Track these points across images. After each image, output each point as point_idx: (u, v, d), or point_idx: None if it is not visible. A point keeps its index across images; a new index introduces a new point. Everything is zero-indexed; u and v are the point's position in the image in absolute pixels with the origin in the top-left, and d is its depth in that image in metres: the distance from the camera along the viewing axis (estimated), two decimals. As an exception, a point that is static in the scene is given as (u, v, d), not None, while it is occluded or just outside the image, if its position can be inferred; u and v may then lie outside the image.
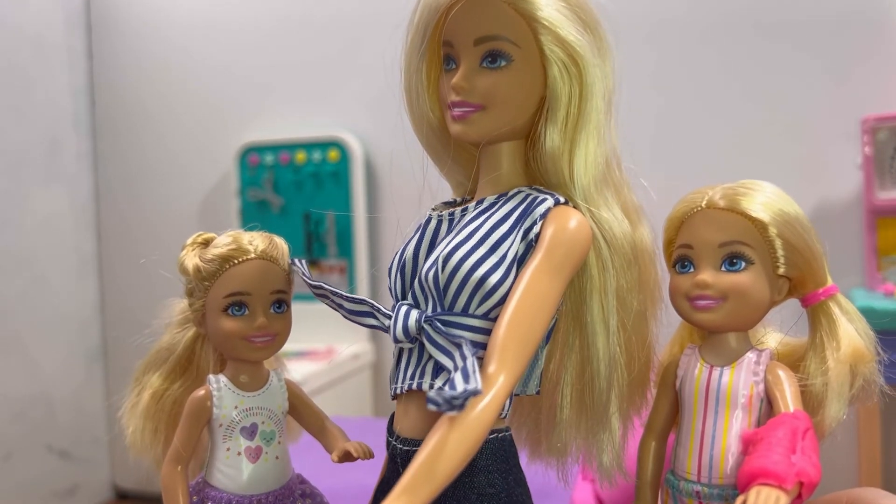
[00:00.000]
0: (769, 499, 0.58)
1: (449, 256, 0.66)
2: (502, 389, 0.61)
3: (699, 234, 0.70)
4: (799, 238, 0.69)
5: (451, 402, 0.56)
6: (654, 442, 0.76)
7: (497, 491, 0.66)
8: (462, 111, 0.69)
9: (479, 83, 0.68)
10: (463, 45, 0.69)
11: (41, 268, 2.21)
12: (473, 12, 0.68)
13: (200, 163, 2.29)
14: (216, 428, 0.76)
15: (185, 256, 0.77)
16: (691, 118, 1.83)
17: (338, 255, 2.11)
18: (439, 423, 0.59)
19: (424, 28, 0.71)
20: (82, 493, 2.30)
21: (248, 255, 0.75)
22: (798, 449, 0.61)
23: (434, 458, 0.57)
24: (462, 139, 0.71)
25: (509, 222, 0.68)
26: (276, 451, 0.77)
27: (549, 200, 0.68)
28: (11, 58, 2.14)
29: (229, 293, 0.74)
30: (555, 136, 0.69)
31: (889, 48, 1.69)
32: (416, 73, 0.73)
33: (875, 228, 1.62)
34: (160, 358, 0.82)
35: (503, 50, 0.68)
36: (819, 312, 0.71)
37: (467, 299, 0.66)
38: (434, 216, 0.73)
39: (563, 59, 0.68)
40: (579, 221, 0.67)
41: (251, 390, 0.77)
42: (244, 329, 0.74)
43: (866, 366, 0.68)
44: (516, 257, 0.66)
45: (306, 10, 2.16)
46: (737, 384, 0.68)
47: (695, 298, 0.70)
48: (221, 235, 0.78)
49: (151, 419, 0.80)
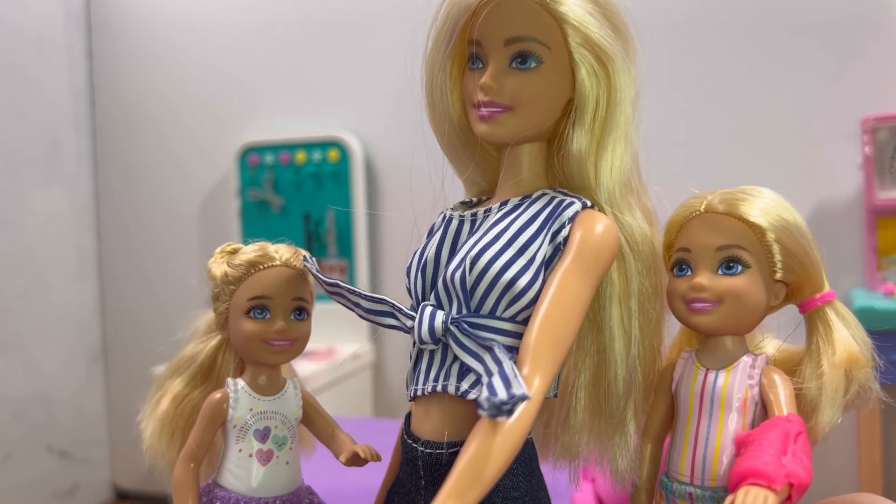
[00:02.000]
0: (757, 498, 0.58)
1: (477, 258, 0.66)
2: (538, 392, 0.60)
3: (697, 237, 0.70)
4: (797, 244, 0.69)
5: (500, 407, 0.55)
6: (650, 444, 0.76)
7: (521, 494, 0.66)
8: (490, 111, 0.69)
9: (507, 84, 0.68)
10: (492, 45, 0.68)
11: (41, 268, 2.22)
12: (504, 12, 0.67)
13: (200, 163, 2.29)
14: (230, 429, 0.78)
15: (214, 263, 0.80)
16: (691, 118, 1.83)
17: (338, 255, 2.11)
18: (479, 426, 0.59)
19: (453, 26, 0.70)
20: (82, 494, 2.30)
21: (273, 261, 0.78)
22: (789, 451, 0.61)
23: (480, 461, 0.57)
24: (488, 140, 0.71)
25: (536, 224, 0.67)
26: (287, 457, 0.78)
27: (576, 204, 0.68)
28: (11, 58, 2.14)
29: (253, 296, 0.77)
30: (582, 139, 0.69)
31: (889, 48, 1.69)
32: (440, 72, 0.73)
33: (875, 228, 1.62)
34: (183, 365, 0.84)
35: (533, 51, 0.67)
36: (816, 318, 0.71)
37: (495, 301, 0.66)
38: (455, 216, 0.73)
39: (592, 61, 0.67)
40: (607, 225, 0.67)
41: (267, 394, 0.79)
42: (264, 332, 0.77)
43: (861, 371, 0.69)
44: (545, 260, 0.66)
45: (307, 10, 2.16)
46: (731, 387, 0.69)
47: (691, 301, 0.70)
48: (249, 244, 0.80)
49: (169, 424, 0.82)
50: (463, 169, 0.78)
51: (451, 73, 0.73)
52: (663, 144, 1.83)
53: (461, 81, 0.73)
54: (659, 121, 1.85)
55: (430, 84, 0.74)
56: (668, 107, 1.84)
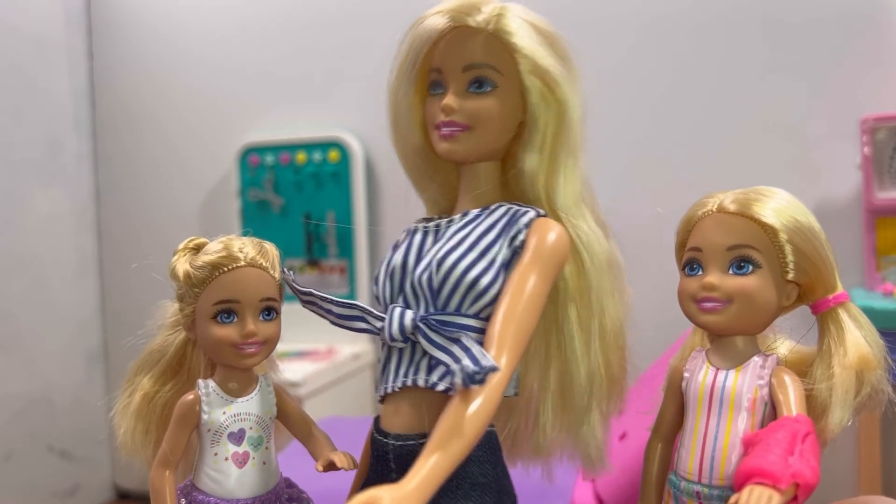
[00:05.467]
0: (762, 497, 0.58)
1: (443, 260, 0.72)
2: (505, 372, 0.66)
3: (708, 237, 0.71)
4: (809, 245, 0.69)
5: (472, 376, 0.62)
6: (659, 444, 0.77)
7: (489, 480, 0.71)
8: (450, 130, 0.75)
9: (466, 106, 0.75)
10: (452, 72, 0.76)
11: (42, 268, 2.21)
12: (462, 42, 0.75)
13: (201, 163, 2.29)
14: (204, 433, 0.77)
15: (177, 262, 0.78)
16: (689, 118, 1.83)
17: (338, 255, 2.11)
18: (450, 403, 0.65)
19: (416, 55, 0.77)
20: (83, 494, 2.30)
21: (237, 262, 0.76)
22: (796, 451, 0.61)
23: (457, 423, 0.63)
24: (449, 157, 0.77)
25: (496, 230, 0.74)
26: (264, 457, 0.78)
27: (531, 213, 0.75)
28: (12, 58, 2.14)
29: (218, 300, 0.75)
30: (533, 158, 0.75)
31: (889, 48, 1.69)
32: (404, 98, 0.79)
33: (874, 228, 1.62)
34: (152, 360, 0.83)
35: (488, 77, 0.75)
36: (828, 319, 0.71)
37: (460, 299, 0.72)
38: (420, 228, 0.79)
39: (540, 87, 0.74)
40: (559, 232, 0.73)
41: (239, 396, 0.78)
42: (233, 336, 0.75)
43: (873, 373, 0.69)
44: (504, 262, 0.72)
45: (307, 10, 2.16)
46: (741, 387, 0.69)
47: (701, 300, 0.70)
48: (213, 241, 0.79)
49: (143, 420, 0.81)
50: (424, 189, 0.84)
51: (413, 99, 0.79)
52: (663, 144, 1.84)
53: (422, 107, 0.79)
54: (658, 121, 1.86)
55: (394, 109, 0.81)
56: (667, 107, 1.85)
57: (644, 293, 0.82)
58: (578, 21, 1.87)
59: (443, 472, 0.62)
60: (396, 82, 0.80)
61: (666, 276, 0.79)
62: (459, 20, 0.75)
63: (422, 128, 0.80)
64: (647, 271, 0.94)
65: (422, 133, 0.80)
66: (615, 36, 1.86)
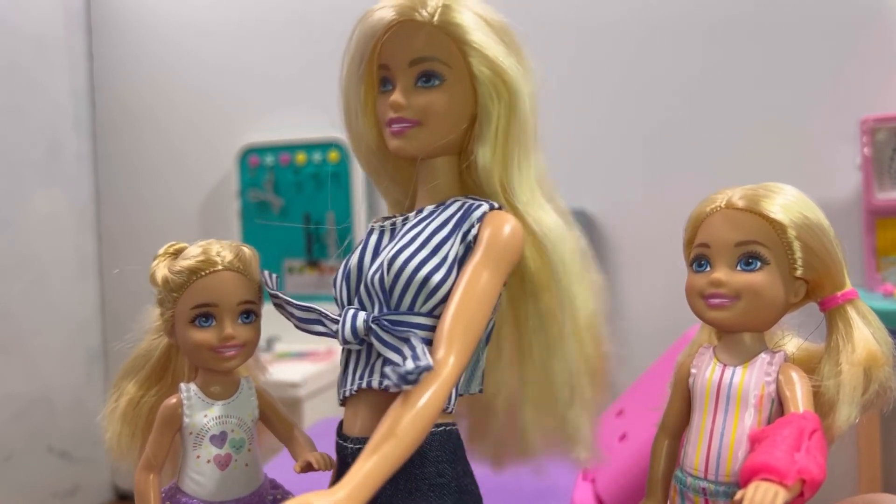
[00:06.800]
0: (767, 493, 0.58)
1: (393, 259, 0.71)
2: (452, 371, 0.65)
3: (716, 233, 0.71)
4: (818, 242, 0.69)
5: (405, 377, 0.61)
6: (666, 440, 0.76)
7: (447, 480, 0.70)
8: (400, 127, 0.74)
9: (415, 101, 0.73)
10: (398, 67, 0.74)
11: (42, 269, 2.21)
12: (408, 36, 0.73)
13: (201, 164, 2.29)
14: (187, 436, 0.77)
15: (156, 267, 0.79)
16: (689, 119, 1.83)
17: (338, 256, 2.11)
18: (393, 404, 0.63)
19: (362, 53, 0.76)
20: (83, 494, 2.30)
21: (215, 266, 0.76)
22: (803, 448, 0.61)
23: (393, 426, 0.62)
24: (400, 154, 0.76)
25: (449, 226, 0.73)
26: (246, 459, 0.78)
27: (484, 206, 0.73)
28: (12, 58, 2.14)
29: (196, 304, 0.76)
30: (486, 151, 0.74)
31: (889, 48, 1.69)
32: (354, 96, 0.78)
33: (874, 229, 1.62)
34: (137, 365, 0.83)
35: (436, 70, 0.73)
36: (836, 316, 0.71)
37: (412, 298, 0.70)
38: (376, 227, 0.78)
39: (491, 78, 0.73)
40: (513, 224, 0.72)
41: (221, 398, 0.78)
42: (211, 340, 0.76)
43: (881, 370, 0.68)
44: (457, 258, 0.71)
45: (307, 10, 2.16)
46: (748, 383, 0.69)
47: (709, 297, 0.70)
48: (192, 246, 0.79)
49: (129, 424, 0.82)
50: (383, 188, 0.84)
51: (364, 97, 0.78)
52: (663, 145, 1.84)
53: (374, 105, 0.78)
54: (658, 121, 1.86)
55: (346, 108, 0.80)
56: (667, 107, 1.85)
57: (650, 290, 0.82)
58: (581, 25, 1.88)
59: (378, 476, 0.60)
60: (346, 80, 0.78)
61: (673, 274, 0.79)
62: (405, 14, 0.73)
63: (375, 126, 0.79)
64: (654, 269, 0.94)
65: (375, 131, 0.79)
66: (618, 40, 1.86)
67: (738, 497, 0.59)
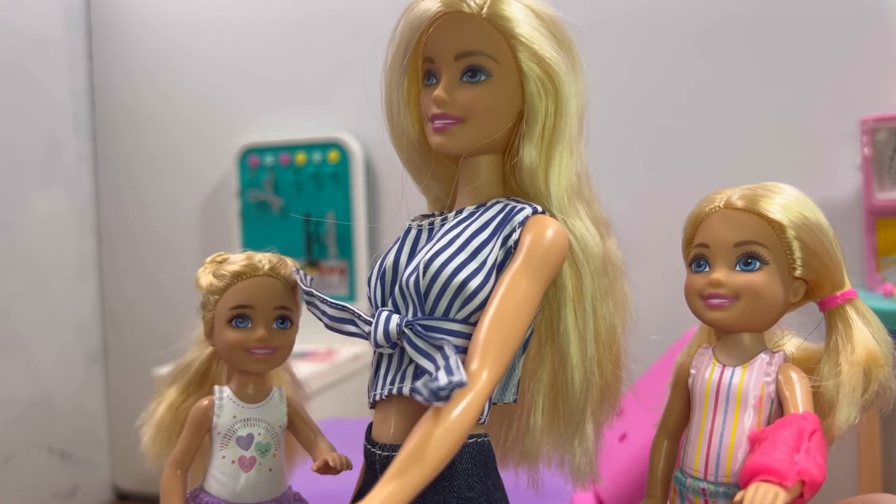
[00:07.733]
0: (767, 495, 0.58)
1: (430, 262, 0.68)
2: (486, 385, 0.62)
3: (715, 233, 0.70)
4: (817, 241, 0.69)
5: (437, 393, 0.57)
6: (666, 441, 0.76)
7: (476, 495, 0.67)
8: (443, 123, 0.71)
9: (459, 96, 0.71)
10: (444, 61, 0.71)
11: (42, 269, 2.21)
12: (454, 29, 0.70)
13: (201, 164, 2.29)
14: (215, 436, 0.79)
15: (202, 273, 0.82)
16: (689, 119, 1.83)
17: (338, 256, 2.11)
18: (423, 418, 0.60)
19: (406, 45, 0.73)
20: (83, 494, 2.30)
21: (257, 271, 0.80)
22: (803, 448, 0.61)
23: (422, 446, 0.58)
24: (442, 151, 0.73)
25: (489, 230, 0.70)
26: (271, 464, 0.80)
27: (527, 209, 0.70)
28: (11, 59, 2.14)
29: (234, 305, 0.79)
30: (532, 151, 0.71)
31: (889, 48, 1.69)
32: (397, 89, 0.76)
33: (874, 229, 1.62)
34: (181, 373, 0.86)
35: (482, 65, 0.70)
36: (836, 316, 0.71)
37: (448, 304, 0.67)
38: (414, 226, 0.76)
39: (539, 75, 0.70)
40: (556, 229, 0.69)
41: (252, 402, 0.80)
42: (245, 340, 0.78)
43: (881, 370, 0.68)
44: (496, 263, 0.68)
45: (306, 11, 2.16)
46: (748, 384, 0.69)
47: (708, 297, 0.70)
48: (237, 254, 0.82)
49: (166, 430, 0.84)
50: (424, 184, 0.80)
51: (407, 90, 0.76)
52: (663, 145, 1.84)
53: (418, 98, 0.76)
54: (657, 121, 1.86)
55: (388, 100, 0.77)
56: (666, 107, 1.85)
57: (649, 290, 0.82)
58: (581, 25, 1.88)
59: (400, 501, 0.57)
60: (390, 72, 0.76)
61: (671, 274, 0.79)
62: (452, 5, 0.70)
63: (417, 121, 0.76)
64: (653, 269, 0.94)
65: (418, 126, 0.76)
66: (618, 40, 1.86)
67: (737, 498, 0.59)
